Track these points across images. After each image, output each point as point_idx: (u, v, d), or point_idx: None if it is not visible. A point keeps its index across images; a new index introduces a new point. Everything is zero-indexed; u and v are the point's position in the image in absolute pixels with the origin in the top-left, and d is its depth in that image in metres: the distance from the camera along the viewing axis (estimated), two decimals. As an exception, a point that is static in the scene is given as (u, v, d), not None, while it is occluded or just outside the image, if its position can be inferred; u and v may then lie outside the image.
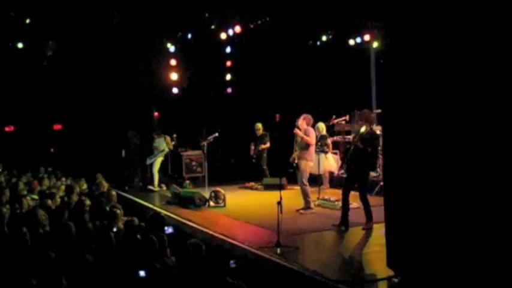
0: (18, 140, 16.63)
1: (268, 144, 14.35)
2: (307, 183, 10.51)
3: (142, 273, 4.79)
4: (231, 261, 5.20)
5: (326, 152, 12.62)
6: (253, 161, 14.68)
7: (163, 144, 14.49)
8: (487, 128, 4.65)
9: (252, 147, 14.62)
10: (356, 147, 8.84)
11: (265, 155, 14.42)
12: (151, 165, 14.60)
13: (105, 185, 11.21)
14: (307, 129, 10.61)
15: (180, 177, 15.99)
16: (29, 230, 6.17)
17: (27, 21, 12.87)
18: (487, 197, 4.64)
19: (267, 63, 16.41)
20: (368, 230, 8.68)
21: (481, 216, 4.69)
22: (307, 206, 10.44)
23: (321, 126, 13.17)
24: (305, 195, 10.44)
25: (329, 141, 13.37)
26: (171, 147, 14.64)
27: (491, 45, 4.61)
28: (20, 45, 14.07)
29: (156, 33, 14.91)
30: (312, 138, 10.61)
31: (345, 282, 6.05)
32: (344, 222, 8.92)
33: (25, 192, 10.34)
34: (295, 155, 10.72)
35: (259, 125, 14.66)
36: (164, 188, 14.28)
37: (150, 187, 14.32)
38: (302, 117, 10.74)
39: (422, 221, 5.40)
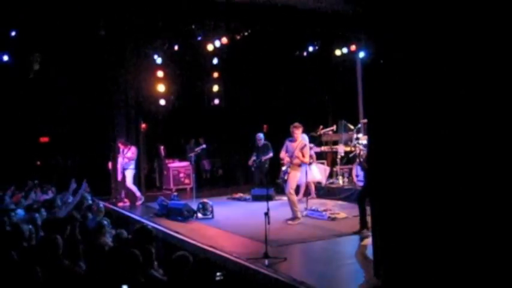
0: (3, 152, 16.51)
1: (271, 155, 14.30)
2: (294, 193, 10.53)
3: (125, 287, 4.75)
4: (217, 274, 5.18)
5: (310, 163, 12.54)
6: (253, 170, 14.72)
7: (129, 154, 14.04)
8: (471, 138, 4.70)
9: (253, 158, 14.60)
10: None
11: (267, 165, 14.40)
12: (124, 180, 14.12)
13: (88, 198, 11.12)
14: (302, 142, 10.68)
15: (168, 189, 15.95)
16: (14, 245, 6.12)
17: (13, 33, 12.80)
18: (473, 207, 4.68)
19: (254, 74, 16.46)
20: (356, 240, 8.71)
21: (469, 227, 4.72)
22: (294, 216, 10.44)
23: (304, 137, 13.15)
24: (292, 204, 10.44)
25: (312, 152, 13.34)
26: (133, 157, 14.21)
27: (469, 53, 4.68)
28: (5, 57, 13.99)
29: (142, 45, 14.90)
30: (307, 157, 10.79)
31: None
32: (364, 226, 8.99)
33: (12, 206, 10.26)
34: (286, 166, 10.70)
35: (260, 135, 14.67)
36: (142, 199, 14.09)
37: (137, 203, 14.06)
38: (295, 126, 10.76)
39: (409, 230, 5.42)
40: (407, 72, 5.37)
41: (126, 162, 14.01)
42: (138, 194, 14.10)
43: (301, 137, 10.84)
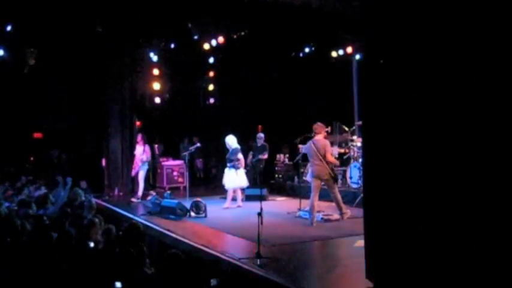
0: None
1: (266, 156, 14.33)
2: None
3: (118, 284, 4.73)
4: (214, 280, 5.16)
5: (238, 168, 12.39)
6: (247, 169, 14.72)
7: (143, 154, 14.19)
8: (467, 141, 4.69)
9: (250, 156, 14.61)
10: None
11: (261, 165, 14.40)
12: (137, 174, 14.28)
13: (81, 194, 11.12)
14: (326, 144, 10.64)
15: (161, 187, 15.92)
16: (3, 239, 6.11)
17: (8, 28, 12.75)
18: (468, 209, 4.68)
19: (250, 74, 16.46)
20: (348, 241, 8.69)
21: (465, 229, 4.72)
22: (342, 212, 10.50)
23: (231, 139, 13.05)
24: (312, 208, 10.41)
25: (240, 155, 13.04)
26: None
27: (462, 56, 4.68)
28: (0, 52, 13.94)
29: (139, 42, 14.88)
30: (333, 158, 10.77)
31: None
32: None
33: (2, 201, 10.22)
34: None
35: (261, 135, 14.71)
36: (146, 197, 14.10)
37: (133, 199, 14.06)
38: (318, 128, 10.72)
39: (402, 232, 5.42)
40: (404, 74, 5.36)
41: (143, 162, 14.14)
42: (140, 192, 14.13)
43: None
